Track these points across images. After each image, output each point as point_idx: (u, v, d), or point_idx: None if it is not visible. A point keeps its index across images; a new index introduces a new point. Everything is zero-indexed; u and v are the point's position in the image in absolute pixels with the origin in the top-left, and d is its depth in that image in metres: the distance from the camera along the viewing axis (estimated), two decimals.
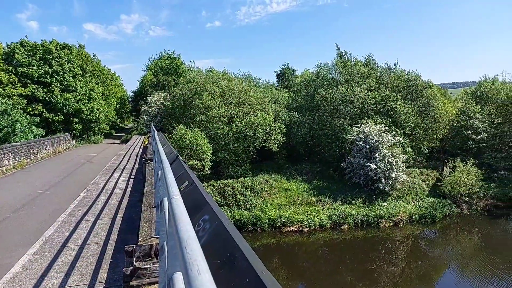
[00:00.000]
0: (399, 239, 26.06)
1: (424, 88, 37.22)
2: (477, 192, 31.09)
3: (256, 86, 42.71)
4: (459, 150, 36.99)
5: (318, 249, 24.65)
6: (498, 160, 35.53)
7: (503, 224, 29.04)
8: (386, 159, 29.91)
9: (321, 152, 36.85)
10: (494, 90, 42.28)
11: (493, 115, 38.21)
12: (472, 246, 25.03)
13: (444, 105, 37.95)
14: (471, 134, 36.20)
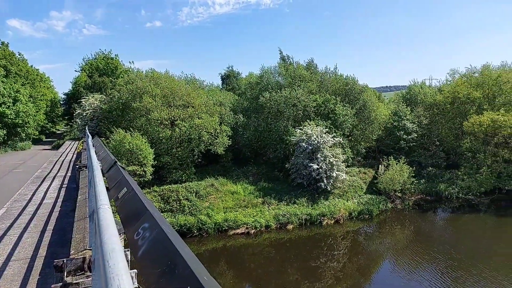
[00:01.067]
0: (340, 235, 27.53)
1: (360, 92, 39.80)
2: (408, 188, 33.96)
3: (200, 88, 42.35)
4: (392, 149, 40.15)
5: (264, 249, 25.10)
6: (426, 158, 39.22)
7: (431, 216, 32.07)
8: (327, 159, 31.45)
9: (266, 154, 37.64)
10: (422, 94, 46.65)
11: (422, 116, 42.09)
12: (405, 238, 27.27)
13: (378, 107, 40.94)
14: (403, 134, 39.50)
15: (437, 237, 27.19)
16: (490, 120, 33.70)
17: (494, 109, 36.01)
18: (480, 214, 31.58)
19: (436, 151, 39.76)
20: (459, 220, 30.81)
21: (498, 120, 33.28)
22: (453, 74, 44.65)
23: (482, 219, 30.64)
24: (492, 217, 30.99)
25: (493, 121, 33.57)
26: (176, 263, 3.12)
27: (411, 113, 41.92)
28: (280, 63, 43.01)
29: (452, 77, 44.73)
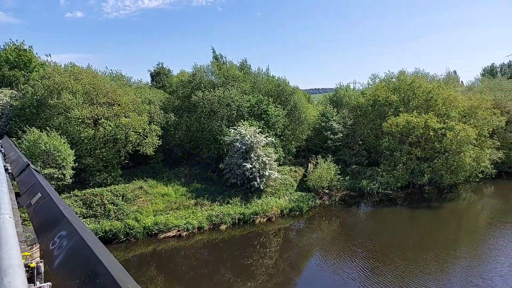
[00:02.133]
0: (273, 232, 28.51)
1: (291, 93, 41.57)
2: (335, 185, 36.39)
3: (127, 86, 40.46)
4: (320, 149, 42.67)
5: (197, 251, 24.93)
6: (351, 156, 42.40)
7: (355, 211, 34.77)
8: (261, 158, 32.32)
9: (199, 154, 37.35)
10: (347, 96, 50.24)
11: (346, 117, 45.39)
12: (332, 232, 29.22)
13: (308, 108, 43.19)
14: (330, 134, 42.19)
15: (360, 230, 29.63)
16: (405, 122, 37.58)
17: (408, 111, 40.20)
18: (397, 207, 35.08)
19: (359, 150, 43.23)
20: (379, 213, 33.88)
21: (412, 121, 37.26)
22: (374, 78, 49.00)
23: (399, 212, 34.07)
24: (406, 209, 34.61)
25: (407, 122, 37.48)
26: (97, 272, 3.03)
27: (337, 114, 44.95)
28: (213, 62, 42.94)
29: (373, 81, 49.05)
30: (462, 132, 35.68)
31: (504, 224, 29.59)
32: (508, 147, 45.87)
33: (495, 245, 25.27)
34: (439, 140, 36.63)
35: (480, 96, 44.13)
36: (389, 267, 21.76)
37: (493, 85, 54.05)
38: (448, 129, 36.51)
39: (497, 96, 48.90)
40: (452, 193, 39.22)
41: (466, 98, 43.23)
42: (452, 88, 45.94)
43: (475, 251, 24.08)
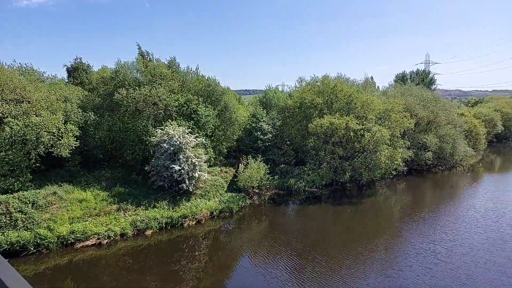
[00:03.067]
0: (202, 235, 28.07)
1: (222, 93, 41.49)
2: (265, 184, 37.14)
3: (40, 81, 36.67)
4: (251, 149, 43.30)
5: (120, 260, 23.46)
6: (279, 156, 43.70)
7: (283, 209, 35.86)
8: (190, 159, 31.64)
9: (123, 156, 35.29)
10: (276, 98, 51.73)
11: (275, 118, 46.71)
12: (261, 231, 29.74)
13: (239, 109, 43.49)
14: (260, 134, 43.02)
15: (287, 228, 30.58)
16: (329, 123, 39.87)
17: (332, 113, 42.72)
18: (322, 204, 37.01)
19: (287, 150, 44.78)
20: (306, 210, 35.41)
21: (335, 123, 39.67)
22: (301, 81, 51.19)
23: (324, 208, 35.97)
24: (331, 206, 36.69)
25: (331, 123, 39.82)
26: None
27: (267, 115, 46.03)
28: (138, 59, 40.95)
29: (300, 84, 51.22)
30: (378, 133, 38.99)
31: (412, 217, 32.92)
32: (416, 146, 51.34)
33: (405, 237, 27.98)
34: (358, 140, 39.56)
35: (393, 100, 48.70)
36: (310, 264, 22.70)
37: (404, 91, 60.08)
38: (366, 130, 39.63)
39: (408, 100, 54.42)
40: (370, 189, 42.64)
41: (381, 102, 47.37)
42: (370, 93, 50.12)
43: (389, 244, 26.37)
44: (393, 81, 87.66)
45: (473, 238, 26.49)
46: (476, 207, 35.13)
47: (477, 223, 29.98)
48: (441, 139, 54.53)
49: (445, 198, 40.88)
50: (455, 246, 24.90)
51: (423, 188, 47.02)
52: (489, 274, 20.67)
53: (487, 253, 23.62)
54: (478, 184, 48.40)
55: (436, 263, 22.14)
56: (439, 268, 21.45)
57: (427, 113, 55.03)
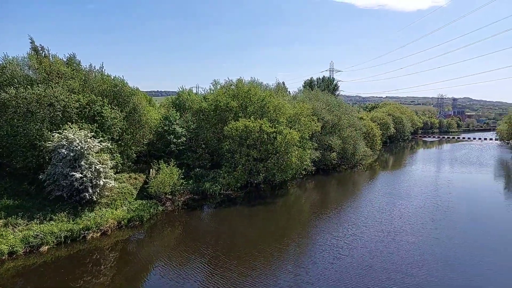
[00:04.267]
0: (109, 247, 26.02)
1: (131, 94, 39.23)
2: (178, 190, 36.14)
3: None
4: (163, 153, 41.77)
5: (8, 282, 20.39)
6: (194, 160, 43.01)
7: (198, 214, 35.29)
8: (93, 166, 29.22)
9: (11, 164, 30.96)
10: (190, 100, 50.88)
11: (190, 121, 45.88)
12: (175, 238, 28.77)
13: (149, 111, 41.63)
14: (173, 138, 41.78)
15: (202, 233, 30.08)
16: (243, 126, 40.60)
17: (246, 117, 43.62)
18: (237, 206, 37.41)
19: (202, 153, 44.31)
20: (221, 214, 35.41)
21: (249, 126, 40.56)
22: (215, 84, 51.30)
23: (239, 211, 36.39)
24: (246, 207, 37.29)
25: (245, 126, 40.61)
26: None
27: (180, 118, 44.95)
28: (31, 54, 36.38)
29: (215, 87, 51.26)
30: (289, 136, 41.01)
31: (319, 215, 35.30)
32: (323, 147, 55.36)
33: (313, 235, 29.71)
34: (271, 142, 41.05)
35: (302, 105, 51.81)
36: (220, 269, 22.35)
37: (312, 96, 64.47)
38: (278, 133, 41.36)
39: (315, 105, 58.46)
40: (282, 189, 44.59)
41: (292, 106, 50.01)
42: (281, 97, 52.51)
43: (298, 242, 27.65)
44: (302, 87, 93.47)
45: (370, 231, 29.30)
46: (373, 202, 39.15)
47: (374, 217, 33.36)
48: (344, 140, 59.82)
49: (348, 195, 44.86)
50: (355, 240, 27.17)
51: (329, 186, 50.90)
52: (383, 263, 23.02)
53: (381, 244, 26.27)
54: (375, 181, 54.18)
55: (338, 258, 23.86)
56: (341, 262, 23.14)
57: (332, 117, 59.82)
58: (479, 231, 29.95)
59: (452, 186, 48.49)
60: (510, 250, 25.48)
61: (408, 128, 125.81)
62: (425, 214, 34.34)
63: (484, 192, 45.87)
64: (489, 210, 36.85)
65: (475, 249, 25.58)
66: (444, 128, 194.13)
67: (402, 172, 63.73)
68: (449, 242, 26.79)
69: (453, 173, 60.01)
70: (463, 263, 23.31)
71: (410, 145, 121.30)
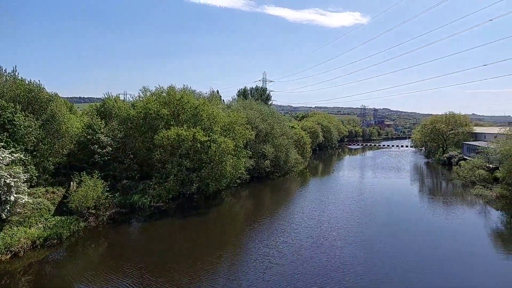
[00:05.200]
0: (21, 270, 23.17)
1: (48, 101, 35.99)
2: (103, 203, 33.71)
3: None
4: (86, 164, 38.75)
5: None
6: (121, 171, 40.60)
7: (126, 229, 33.23)
8: (3, 180, 26.05)
9: None
10: (116, 108, 48.14)
11: (116, 130, 43.32)
12: (99, 257, 26.63)
13: (70, 119, 38.48)
14: (97, 148, 39.01)
15: (129, 250, 28.13)
16: (175, 135, 39.49)
17: (179, 125, 42.52)
18: (168, 219, 36.03)
19: (130, 164, 42.01)
20: (151, 227, 33.74)
21: (182, 134, 39.58)
22: (145, 91, 49.17)
23: (171, 223, 35.07)
24: (178, 219, 36.09)
25: (178, 135, 39.54)
26: None
27: (105, 126, 42.24)
28: None
29: (144, 94, 49.13)
30: (223, 144, 40.87)
31: (253, 223, 35.53)
32: (257, 155, 56.21)
33: (246, 244, 29.63)
34: (205, 151, 40.51)
35: (237, 114, 52.17)
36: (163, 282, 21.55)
37: (246, 105, 65.38)
38: (212, 141, 41.00)
39: (249, 114, 59.28)
40: (216, 199, 44.13)
41: (226, 115, 50.06)
42: (215, 105, 52.32)
43: (232, 254, 27.08)
44: (236, 96, 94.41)
45: (299, 238, 29.90)
46: (303, 209, 40.53)
47: (303, 223, 34.35)
48: (277, 148, 61.50)
49: (280, 203, 45.92)
50: (285, 248, 27.47)
51: (263, 194, 51.74)
52: (312, 269, 23.66)
53: (310, 250, 26.92)
54: (305, 187, 56.45)
55: (269, 267, 23.77)
56: (272, 271, 23.06)
57: (265, 126, 61.19)
58: (400, 232, 32.55)
59: (374, 190, 52.39)
60: (428, 251, 28.06)
61: (335, 136, 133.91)
62: (351, 218, 36.44)
63: (402, 195, 50.31)
64: (407, 211, 40.46)
65: (397, 251, 27.67)
66: (367, 136, 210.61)
67: (330, 178, 67.33)
68: (374, 245, 28.65)
69: (375, 178, 64.97)
70: (387, 265, 24.97)
71: (337, 152, 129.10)
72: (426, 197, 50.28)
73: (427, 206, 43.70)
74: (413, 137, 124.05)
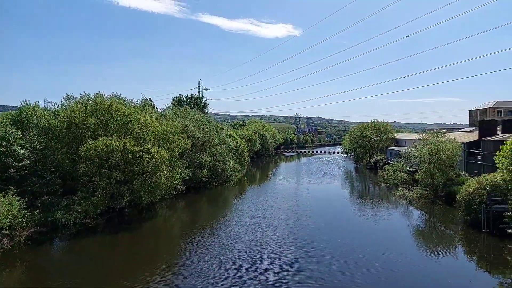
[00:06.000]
0: None
1: None
2: (20, 222, 30.31)
3: None
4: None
5: None
6: (41, 186, 36.89)
7: (47, 250, 30.17)
8: None
9: None
10: (35, 117, 43.89)
11: (35, 141, 39.42)
12: (17, 281, 23.77)
13: None
14: (12, 161, 35.05)
15: (55, 271, 25.69)
16: (104, 145, 37.03)
17: (107, 135, 39.97)
18: (97, 236, 33.55)
19: (52, 178, 38.37)
20: (77, 246, 31.04)
21: (111, 145, 37.25)
22: (68, 99, 45.44)
23: (100, 240, 32.66)
24: (108, 236, 33.76)
25: (106, 145, 37.12)
26: None
27: (22, 137, 38.22)
28: None
29: (67, 102, 45.43)
30: (157, 154, 39.31)
31: (190, 236, 34.54)
32: (193, 165, 55.15)
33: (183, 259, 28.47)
34: (137, 162, 38.61)
35: (171, 122, 50.76)
36: None
37: (181, 113, 63.96)
38: (145, 152, 39.26)
39: (185, 122, 58.10)
40: (150, 212, 42.26)
41: (160, 124, 48.40)
42: (148, 114, 50.29)
43: (167, 270, 25.62)
44: (171, 104, 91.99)
45: (237, 248, 29.47)
46: (240, 218, 40.43)
47: (241, 233, 34.14)
48: (215, 157, 61.00)
49: (218, 213, 45.43)
50: (223, 260, 26.82)
51: (200, 204, 50.81)
52: (249, 279, 23.40)
53: (247, 260, 26.56)
54: (243, 196, 56.67)
55: (206, 281, 22.99)
56: (208, 286, 22.41)
57: (202, 135, 60.42)
58: (334, 234, 34.05)
59: (309, 196, 54.43)
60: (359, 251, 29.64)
61: (272, 144, 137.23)
62: (288, 224, 37.30)
63: (335, 199, 52.91)
64: (340, 215, 42.61)
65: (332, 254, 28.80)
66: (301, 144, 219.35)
67: (267, 185, 68.55)
68: (310, 249, 29.50)
69: (309, 184, 67.60)
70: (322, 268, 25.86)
71: (274, 159, 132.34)
72: (356, 200, 53.49)
73: (357, 208, 46.47)
74: (343, 143, 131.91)
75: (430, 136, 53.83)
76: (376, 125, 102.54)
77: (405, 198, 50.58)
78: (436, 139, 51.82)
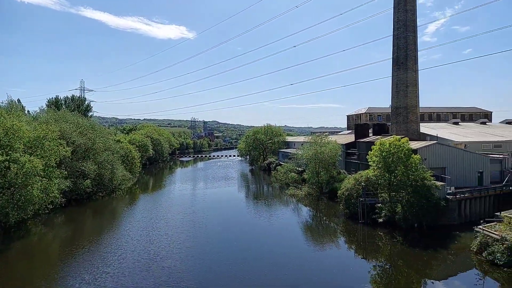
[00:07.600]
0: None
1: None
2: None
3: None
4: None
5: None
6: None
7: None
8: None
9: None
10: None
11: None
12: None
13: None
14: None
15: None
16: None
17: None
18: None
19: None
20: None
21: None
22: None
23: None
24: None
25: None
26: None
27: None
28: None
29: None
30: (28, 164, 34.85)
31: (70, 256, 30.86)
32: (75, 175, 50.33)
33: (60, 282, 25.64)
34: (2, 174, 33.61)
35: (47, 127, 45.52)
36: None
37: (59, 117, 57.70)
38: (13, 161, 34.42)
39: (63, 127, 52.65)
40: (21, 231, 37.05)
41: (32, 129, 42.95)
42: (16, 118, 44.08)
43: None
44: (46, 106, 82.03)
45: (124, 265, 27.42)
46: (130, 231, 38.00)
47: (130, 247, 31.88)
48: (100, 165, 56.62)
49: (103, 227, 41.68)
50: (108, 279, 24.57)
51: (83, 218, 46.33)
52: None
53: (135, 277, 24.94)
54: (134, 206, 53.66)
55: None
56: None
57: (84, 140, 55.59)
58: (232, 238, 34.92)
59: (206, 201, 54.77)
60: (257, 249, 31.04)
61: (166, 149, 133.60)
62: (183, 232, 36.60)
63: (231, 202, 54.42)
64: (236, 217, 44.03)
65: (230, 258, 29.38)
66: (198, 148, 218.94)
67: (161, 193, 66.47)
68: (206, 256, 29.58)
69: (206, 189, 67.96)
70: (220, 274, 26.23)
71: (169, 165, 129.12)
72: (252, 201, 55.88)
73: (253, 210, 48.64)
74: (239, 147, 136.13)
75: (315, 138, 59.57)
76: (269, 128, 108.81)
77: (295, 196, 54.87)
78: (320, 141, 57.56)
